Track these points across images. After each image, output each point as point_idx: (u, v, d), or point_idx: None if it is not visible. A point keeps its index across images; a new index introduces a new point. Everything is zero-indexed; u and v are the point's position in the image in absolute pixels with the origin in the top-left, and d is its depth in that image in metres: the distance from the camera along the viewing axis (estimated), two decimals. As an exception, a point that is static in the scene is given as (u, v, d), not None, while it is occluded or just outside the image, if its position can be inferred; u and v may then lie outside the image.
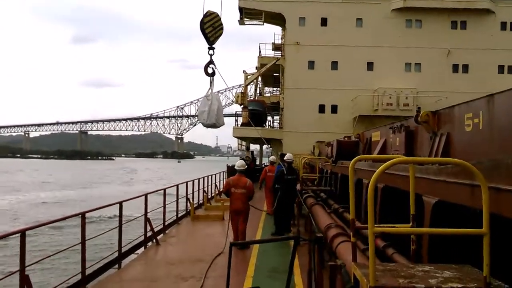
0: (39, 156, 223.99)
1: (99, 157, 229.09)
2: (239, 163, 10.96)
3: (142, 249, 10.27)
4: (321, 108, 33.42)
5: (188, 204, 15.18)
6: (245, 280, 7.24)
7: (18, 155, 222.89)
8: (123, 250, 9.42)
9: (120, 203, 8.86)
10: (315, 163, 18.39)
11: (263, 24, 35.14)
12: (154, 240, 10.46)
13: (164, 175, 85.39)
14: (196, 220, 14.17)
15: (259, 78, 39.46)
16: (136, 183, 68.18)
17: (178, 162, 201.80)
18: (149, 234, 10.47)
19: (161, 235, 11.83)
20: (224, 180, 25.10)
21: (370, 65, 33.10)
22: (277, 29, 39.04)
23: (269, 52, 37.55)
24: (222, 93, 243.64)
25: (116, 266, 8.63)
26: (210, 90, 21.13)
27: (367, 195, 3.39)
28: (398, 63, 32.80)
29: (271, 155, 32.83)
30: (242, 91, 32.50)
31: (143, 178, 79.60)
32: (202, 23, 20.07)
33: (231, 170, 21.95)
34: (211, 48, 21.10)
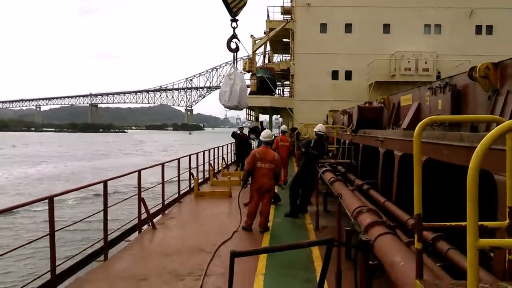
0: (52, 129, 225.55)
1: (111, 130, 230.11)
2: (265, 134, 9.45)
3: (136, 234, 8.91)
4: (334, 75, 31.55)
5: (192, 179, 13.75)
6: (254, 280, 5.79)
7: (33, 129, 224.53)
8: (113, 236, 8.06)
9: (105, 182, 7.40)
10: (330, 133, 16.81)
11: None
12: (149, 223, 9.09)
13: (179, 146, 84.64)
14: (200, 197, 12.74)
15: (268, 44, 37.51)
16: (152, 154, 67.89)
17: (189, 133, 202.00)
18: (144, 216, 9.10)
19: (160, 216, 10.43)
20: (232, 152, 23.65)
21: (386, 27, 30.93)
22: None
23: (277, 16, 35.52)
24: (230, 64, 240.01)
25: (102, 257, 7.27)
26: (233, 68, 19.47)
27: (467, 185, 1.83)
28: (417, 24, 30.63)
29: (281, 125, 31.25)
30: (250, 57, 30.59)
31: (159, 149, 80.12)
32: None
33: (238, 137, 20.35)
34: (234, 20, 19.20)
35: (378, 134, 9.23)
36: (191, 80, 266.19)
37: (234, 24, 19.57)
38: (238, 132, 20.13)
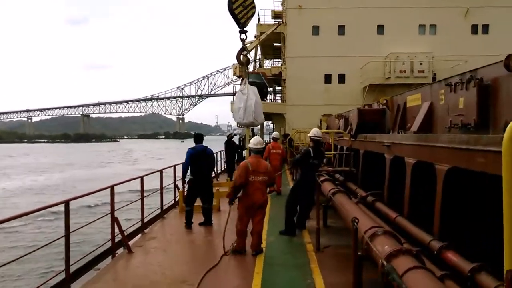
0: (45, 140, 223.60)
1: (103, 140, 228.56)
2: (255, 140, 8.01)
3: (110, 259, 7.72)
4: (327, 78, 30.59)
5: (176, 192, 12.56)
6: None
7: (25, 140, 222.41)
8: (78, 265, 6.87)
9: (67, 202, 6.20)
10: (325, 139, 15.74)
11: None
12: (125, 246, 7.92)
13: (169, 154, 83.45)
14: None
15: (259, 49, 36.52)
16: (138, 162, 66.91)
17: (182, 142, 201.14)
18: (119, 238, 7.93)
19: (139, 235, 9.25)
20: (222, 160, 22.47)
21: (380, 29, 30.08)
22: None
23: (268, 19, 34.58)
24: (221, 72, 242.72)
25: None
26: (245, 83, 18.35)
27: None
28: (411, 25, 29.81)
29: (273, 131, 30.15)
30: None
31: (148, 157, 79.54)
32: (231, 3, 17.10)
33: (229, 145, 19.26)
34: (243, 31, 18.14)
35: (384, 138, 8.14)
36: (182, 88, 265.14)
37: (243, 36, 18.59)
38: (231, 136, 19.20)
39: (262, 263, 6.88)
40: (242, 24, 16.67)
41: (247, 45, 29.17)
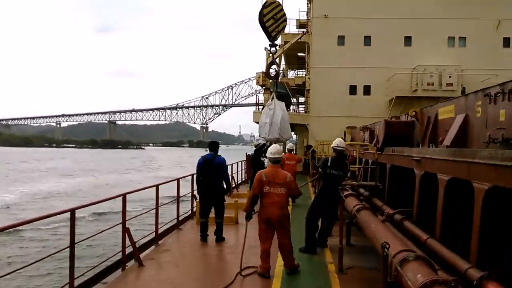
0: (73, 145, 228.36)
1: (129, 146, 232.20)
2: (273, 149, 7.34)
3: (119, 272, 7.36)
4: (352, 90, 29.96)
5: (194, 202, 12.19)
6: None
7: (54, 145, 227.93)
8: (84, 278, 6.52)
9: (72, 211, 5.84)
10: (350, 152, 15.19)
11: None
12: (136, 259, 7.55)
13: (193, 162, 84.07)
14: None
15: (283, 59, 36.18)
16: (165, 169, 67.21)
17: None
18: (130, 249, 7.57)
19: (152, 247, 8.89)
20: (244, 170, 22.09)
21: (408, 40, 29.34)
22: (302, 4, 35.52)
23: (293, 29, 34.21)
24: (246, 82, 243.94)
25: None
26: (272, 97, 17.86)
27: None
28: (440, 37, 28.99)
29: (296, 142, 29.65)
30: (264, 70, 29.20)
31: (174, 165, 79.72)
32: (262, 15, 16.75)
33: (251, 160, 18.84)
34: (273, 45, 17.67)
35: (413, 152, 7.59)
36: (207, 98, 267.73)
37: (273, 49, 18.11)
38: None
39: (279, 284, 6.39)
40: (272, 38, 16.31)
41: (270, 54, 28.96)
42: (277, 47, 13.05)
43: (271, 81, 14.03)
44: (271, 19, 16.63)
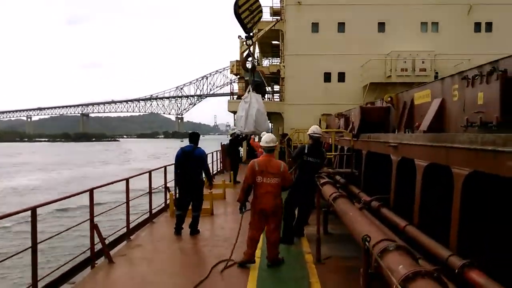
0: (46, 139, 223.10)
1: (103, 139, 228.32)
2: (267, 138, 7.14)
3: (88, 270, 7.02)
4: (327, 77, 29.82)
5: (167, 194, 11.84)
6: None
7: (25, 139, 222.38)
8: (50, 278, 6.17)
9: (33, 209, 5.45)
10: (325, 139, 15.05)
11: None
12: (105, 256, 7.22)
13: (169, 153, 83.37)
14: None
15: (257, 47, 35.82)
16: (142, 162, 66.80)
17: (181, 141, 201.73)
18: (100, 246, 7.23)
19: (124, 243, 8.56)
20: (218, 160, 21.78)
21: (381, 26, 29.27)
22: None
23: (266, 17, 33.78)
24: (220, 72, 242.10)
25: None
26: (249, 90, 17.52)
27: None
28: (413, 22, 29.01)
29: (271, 131, 29.40)
30: (238, 59, 28.83)
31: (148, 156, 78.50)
32: (237, 6, 16.33)
33: (227, 150, 18.62)
34: (249, 37, 17.27)
35: (390, 138, 7.45)
36: (181, 88, 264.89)
37: (249, 42, 17.75)
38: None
39: (256, 276, 6.19)
40: (248, 29, 16.04)
41: (244, 42, 28.62)
42: (253, 40, 12.78)
43: (247, 72, 13.81)
44: (246, 11, 16.34)
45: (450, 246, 4.78)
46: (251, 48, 20.62)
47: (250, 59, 15.83)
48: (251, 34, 16.48)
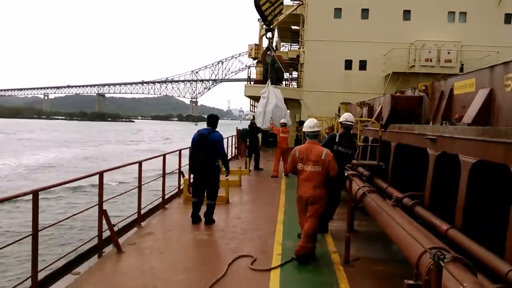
0: (63, 117, 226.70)
1: (118, 119, 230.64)
2: (310, 123, 6.84)
3: (96, 259, 6.55)
4: (348, 64, 29.01)
5: (181, 179, 11.31)
6: None
7: (43, 117, 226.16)
8: (54, 267, 5.70)
9: (35, 193, 4.90)
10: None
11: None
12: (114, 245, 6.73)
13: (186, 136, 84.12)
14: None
15: (276, 32, 34.98)
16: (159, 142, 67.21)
17: (195, 124, 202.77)
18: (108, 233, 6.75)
19: (134, 229, 8.07)
20: (234, 145, 21.25)
21: (406, 14, 28.29)
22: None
23: (287, 1, 32.98)
24: (236, 57, 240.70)
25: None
26: (267, 85, 17.06)
27: None
28: (439, 11, 27.98)
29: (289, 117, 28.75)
30: (257, 43, 28.13)
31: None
32: None
33: (241, 135, 18.10)
34: (269, 29, 16.67)
35: (427, 130, 6.77)
36: (197, 72, 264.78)
37: (269, 35, 17.11)
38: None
39: (278, 278, 5.57)
40: (269, 22, 15.57)
41: (264, 26, 27.83)
42: (273, 32, 12.30)
43: (265, 66, 13.51)
44: (267, 2, 15.78)
45: (507, 257, 4.15)
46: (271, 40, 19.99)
47: (269, 52, 15.23)
48: (271, 26, 15.88)
